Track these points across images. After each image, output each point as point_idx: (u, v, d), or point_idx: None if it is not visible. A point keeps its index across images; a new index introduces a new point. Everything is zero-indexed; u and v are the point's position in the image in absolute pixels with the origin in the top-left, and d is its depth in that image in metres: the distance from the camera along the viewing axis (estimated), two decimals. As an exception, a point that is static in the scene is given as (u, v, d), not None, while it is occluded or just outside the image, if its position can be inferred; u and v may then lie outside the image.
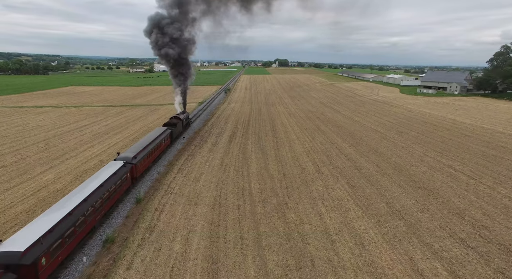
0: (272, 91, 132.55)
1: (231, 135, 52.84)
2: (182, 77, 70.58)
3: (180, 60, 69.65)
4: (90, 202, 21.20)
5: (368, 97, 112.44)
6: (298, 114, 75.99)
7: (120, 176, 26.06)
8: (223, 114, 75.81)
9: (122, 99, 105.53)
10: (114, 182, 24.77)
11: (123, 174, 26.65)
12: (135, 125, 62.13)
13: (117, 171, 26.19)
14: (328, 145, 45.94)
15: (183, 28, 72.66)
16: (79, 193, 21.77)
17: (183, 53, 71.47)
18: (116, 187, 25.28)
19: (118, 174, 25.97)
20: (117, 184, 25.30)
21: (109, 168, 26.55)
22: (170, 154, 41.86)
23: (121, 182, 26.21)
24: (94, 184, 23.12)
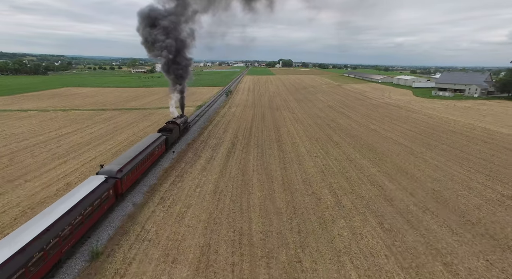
0: (276, 93, 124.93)
1: (230, 148, 45.40)
2: (180, 77, 63.87)
3: (177, 57, 62.97)
4: (54, 232, 17.87)
5: (379, 100, 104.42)
6: (306, 120, 68.35)
7: (99, 195, 22.90)
8: (223, 120, 68.39)
9: (116, 102, 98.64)
10: (90, 203, 21.73)
11: (103, 191, 23.46)
12: (122, 133, 54.92)
13: (96, 188, 23.07)
14: (345, 162, 38.26)
15: (180, 20, 65.79)
16: (42, 220, 18.28)
17: (180, 50, 64.75)
18: (94, 208, 22.28)
19: (97, 192, 22.84)
20: (94, 204, 22.25)
21: (86, 185, 23.32)
22: (153, 176, 34.44)
23: (100, 201, 23.05)
24: (64, 207, 19.91)
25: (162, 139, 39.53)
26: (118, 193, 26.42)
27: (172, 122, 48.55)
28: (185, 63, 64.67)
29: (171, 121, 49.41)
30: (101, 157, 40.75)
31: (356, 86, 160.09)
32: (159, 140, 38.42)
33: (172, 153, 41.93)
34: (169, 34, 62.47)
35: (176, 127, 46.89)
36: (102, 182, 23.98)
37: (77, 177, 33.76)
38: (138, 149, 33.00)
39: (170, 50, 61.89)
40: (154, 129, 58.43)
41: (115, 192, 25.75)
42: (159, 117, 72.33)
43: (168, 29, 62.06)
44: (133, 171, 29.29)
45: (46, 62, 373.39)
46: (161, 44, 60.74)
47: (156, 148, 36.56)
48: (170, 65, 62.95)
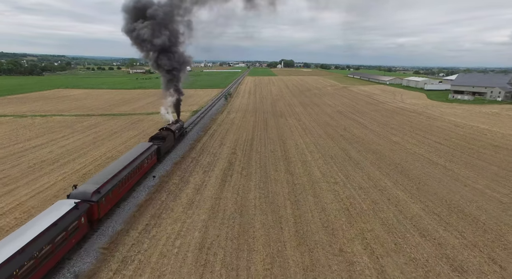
0: (279, 96, 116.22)
1: (226, 169, 36.72)
2: (174, 77, 55.88)
3: (171, 53, 54.71)
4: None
5: (393, 104, 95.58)
6: (315, 129, 59.59)
7: (64, 227, 18.84)
8: (220, 129, 59.72)
9: (106, 106, 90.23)
10: (49, 240, 17.46)
11: (70, 222, 19.46)
12: (100, 147, 46.35)
13: (61, 219, 18.87)
14: (374, 193, 29.51)
15: (175, 12, 57.62)
16: None
17: (174, 44, 56.55)
18: (56, 245, 18.18)
19: (60, 224, 18.63)
20: (56, 241, 18.13)
21: (49, 214, 19.27)
22: (121, 215, 25.75)
23: (65, 235, 18.94)
24: (7, 251, 15.29)
25: (153, 149, 35.49)
26: (94, 219, 22.49)
27: (166, 129, 44.08)
28: (182, 60, 56.60)
29: (165, 127, 44.80)
30: (62, 183, 32.18)
31: (364, 88, 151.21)
32: (150, 150, 34.35)
33: (152, 179, 33.24)
34: (161, 26, 54.61)
35: (170, 135, 42.73)
36: (71, 209, 19.91)
37: (22, 212, 25.24)
38: (123, 162, 29.09)
39: (162, 44, 54.10)
40: (139, 140, 49.96)
41: (89, 219, 21.96)
42: (148, 125, 63.82)
43: (160, 20, 54.15)
44: (115, 190, 25.39)
45: (46, 62, 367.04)
46: (149, 37, 52.81)
47: (145, 159, 32.59)
48: (162, 62, 55.12)
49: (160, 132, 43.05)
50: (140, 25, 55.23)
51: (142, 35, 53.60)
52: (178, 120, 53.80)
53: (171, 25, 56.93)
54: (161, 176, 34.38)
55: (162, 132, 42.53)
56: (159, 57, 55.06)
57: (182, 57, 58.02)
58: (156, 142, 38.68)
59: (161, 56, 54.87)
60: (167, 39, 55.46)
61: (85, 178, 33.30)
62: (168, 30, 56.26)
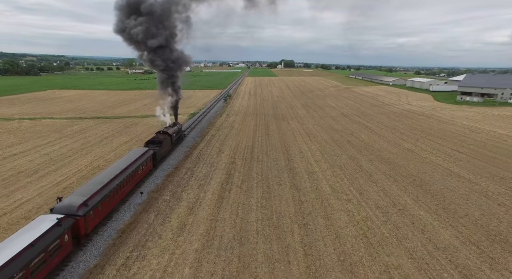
0: (281, 98, 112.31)
1: (224, 182, 32.77)
2: (172, 77, 52.98)
3: (168, 52, 51.11)
4: None
5: (399, 106, 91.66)
6: (320, 134, 55.67)
7: (44, 247, 16.41)
8: (218, 134, 55.79)
9: (100, 108, 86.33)
10: (24, 264, 14.77)
11: (52, 240, 17.17)
12: (88, 155, 42.43)
13: (40, 238, 16.46)
14: (395, 215, 25.52)
15: (172, 8, 54.14)
16: None
17: (171, 43, 52.42)
18: (31, 270, 15.39)
19: (38, 245, 16.11)
20: (32, 265, 15.42)
21: (26, 234, 16.80)
22: (97, 244, 21.77)
23: (44, 256, 16.51)
24: None
25: (149, 155, 33.66)
26: (81, 235, 20.54)
27: (162, 133, 42.09)
28: (180, 59, 53.23)
29: (161, 131, 42.84)
30: (37, 200, 28.24)
31: (367, 89, 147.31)
32: (145, 156, 32.51)
33: (139, 195, 29.26)
34: (158, 23, 51.19)
35: (167, 139, 40.70)
36: (52, 226, 17.85)
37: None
38: (115, 170, 27.14)
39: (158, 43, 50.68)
40: (130, 147, 46.08)
41: (75, 235, 20.13)
42: (143, 129, 59.91)
43: (157, 17, 50.70)
44: (106, 201, 23.39)
45: (45, 63, 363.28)
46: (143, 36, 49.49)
47: (140, 166, 30.62)
48: (157, 62, 51.75)
49: (157, 136, 40.84)
50: (132, 23, 51.63)
51: (136, 35, 50.20)
52: (176, 123, 50.97)
53: (168, 22, 53.55)
54: (150, 191, 30.44)
55: (159, 136, 40.39)
56: (154, 56, 51.70)
57: (180, 56, 54.62)
58: (152, 146, 36.74)
59: (157, 55, 51.52)
60: (164, 37, 52.11)
61: (65, 193, 29.40)
62: (165, 27, 52.91)
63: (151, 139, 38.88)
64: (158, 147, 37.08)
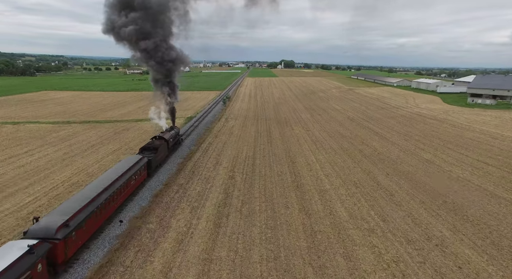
0: (282, 100, 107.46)
1: (220, 205, 27.89)
2: (169, 77, 48.95)
3: (164, 50, 47.04)
4: None
5: (408, 109, 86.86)
6: (328, 142, 50.82)
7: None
8: (216, 142, 50.90)
9: (91, 111, 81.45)
10: None
11: (20, 274, 14.02)
12: (68, 167, 37.54)
13: (6, 270, 13.54)
14: (433, 254, 20.60)
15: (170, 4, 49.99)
16: None
17: (168, 39, 48.64)
18: None
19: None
20: None
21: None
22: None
23: None
24: None
25: (142, 163, 31.06)
26: (59, 262, 17.54)
27: (158, 138, 39.40)
28: (177, 58, 49.10)
29: (157, 136, 40.08)
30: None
31: (371, 90, 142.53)
32: (138, 164, 30.06)
33: (118, 225, 24.28)
34: (153, 18, 47.13)
35: (163, 144, 38.03)
36: (22, 255, 14.82)
37: None
38: (104, 181, 24.53)
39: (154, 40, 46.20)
40: (118, 157, 41.27)
41: (51, 263, 17.07)
42: (134, 135, 55.03)
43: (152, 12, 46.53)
44: (92, 219, 20.85)
45: (43, 63, 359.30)
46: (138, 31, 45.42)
47: (132, 176, 27.91)
48: (153, 61, 47.14)
49: (152, 141, 38.28)
50: (124, 20, 47.05)
51: (128, 35, 45.97)
52: (173, 127, 47.60)
53: (164, 18, 49.46)
54: (133, 217, 25.50)
55: (155, 142, 37.88)
56: (148, 55, 47.51)
57: (178, 55, 50.39)
58: (147, 153, 34.44)
59: (152, 53, 47.18)
60: (160, 36, 47.93)
61: (28, 221, 24.50)
62: (160, 24, 48.73)
63: (146, 145, 36.37)
64: (154, 154, 34.56)
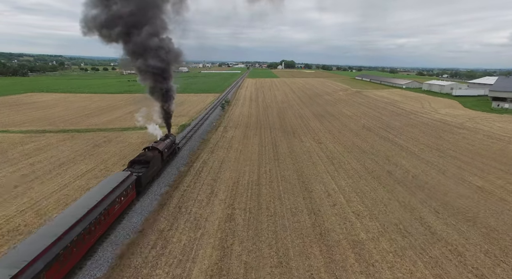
0: (286, 104, 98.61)
1: (214, 270, 19.03)
2: (161, 78, 43.05)
3: (155, 47, 41.48)
4: None
5: (426, 115, 78.09)
6: (346, 159, 42.00)
7: None
8: (212, 159, 41.99)
9: (74, 117, 72.61)
10: None
11: None
12: (22, 197, 28.71)
13: None
14: None
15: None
16: None
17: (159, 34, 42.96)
18: None
19: None
20: None
21: None
22: None
23: None
24: None
25: (131, 181, 26.58)
26: None
27: (152, 148, 34.93)
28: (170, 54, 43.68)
29: (151, 146, 35.51)
30: None
31: (379, 93, 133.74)
32: (124, 183, 25.49)
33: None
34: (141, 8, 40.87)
35: (156, 157, 33.75)
36: None
37: None
38: (79, 210, 19.54)
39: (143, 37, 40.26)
40: (89, 182, 32.54)
41: None
42: (116, 149, 46.18)
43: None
44: (59, 263, 15.86)
45: (40, 63, 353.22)
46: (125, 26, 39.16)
47: (116, 199, 23.48)
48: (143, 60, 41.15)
49: (144, 153, 33.63)
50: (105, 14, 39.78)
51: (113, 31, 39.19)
52: (168, 135, 42.32)
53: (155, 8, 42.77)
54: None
55: (147, 153, 33.34)
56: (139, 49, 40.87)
57: (172, 50, 43.99)
58: (137, 168, 30.34)
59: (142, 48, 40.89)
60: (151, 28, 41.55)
61: None
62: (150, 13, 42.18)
63: (137, 158, 31.92)
64: (145, 168, 30.33)
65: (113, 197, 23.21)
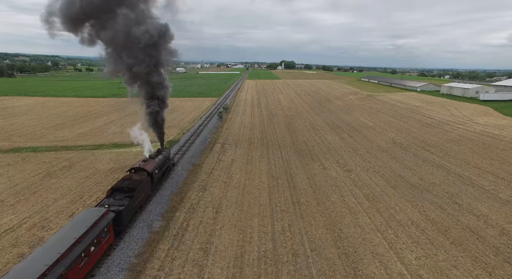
0: (294, 111, 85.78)
1: None
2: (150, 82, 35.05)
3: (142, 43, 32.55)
4: None
5: (462, 126, 65.44)
6: (394, 201, 29.20)
7: None
8: (203, 204, 29.05)
9: (40, 129, 59.85)
10: None
11: None
12: None
13: None
14: None
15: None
16: None
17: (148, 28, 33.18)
18: None
19: None
20: None
21: None
22: None
23: None
24: None
25: (106, 222, 19.42)
26: None
27: (139, 169, 27.34)
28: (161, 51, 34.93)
29: (138, 166, 27.61)
30: None
31: (394, 97, 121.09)
32: (98, 226, 18.58)
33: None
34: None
35: (144, 182, 25.89)
36: None
37: None
38: (32, 271, 14.21)
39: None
40: (23, 243, 19.75)
41: None
42: (75, 182, 33.23)
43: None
44: None
45: (35, 63, 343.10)
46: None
47: (82, 253, 16.77)
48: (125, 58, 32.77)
49: (130, 176, 26.56)
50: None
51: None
52: (160, 150, 34.87)
53: None
54: None
55: (132, 177, 26.27)
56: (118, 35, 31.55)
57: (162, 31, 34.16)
58: (119, 197, 23.08)
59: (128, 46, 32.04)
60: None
61: None
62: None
63: (118, 184, 24.91)
64: (128, 198, 23.15)
65: (80, 248, 16.62)
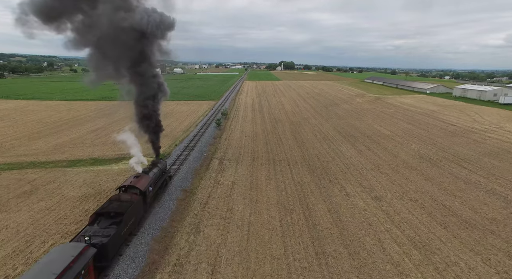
0: (299, 116, 78.14)
1: None
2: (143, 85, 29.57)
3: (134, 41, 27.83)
4: None
5: (491, 135, 58.06)
6: (449, 247, 21.55)
7: None
8: (194, 254, 21.28)
9: (12, 139, 52.27)
10: None
11: None
12: None
13: None
14: None
15: None
16: None
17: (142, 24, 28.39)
18: None
19: None
20: None
21: None
22: None
23: None
24: None
25: (81, 265, 14.47)
26: None
27: (129, 187, 22.75)
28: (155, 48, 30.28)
29: (128, 184, 22.96)
30: None
31: (404, 99, 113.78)
32: (71, 273, 13.78)
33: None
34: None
35: (136, 202, 21.28)
36: None
37: None
38: None
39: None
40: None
41: None
42: (32, 218, 25.31)
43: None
44: None
45: (31, 63, 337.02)
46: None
47: None
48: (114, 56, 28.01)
49: (118, 196, 21.18)
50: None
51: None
52: (156, 162, 30.11)
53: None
54: None
55: (121, 198, 20.92)
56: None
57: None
58: (103, 226, 18.33)
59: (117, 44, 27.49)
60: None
61: None
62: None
63: (104, 208, 19.63)
64: (115, 225, 18.33)
65: None
